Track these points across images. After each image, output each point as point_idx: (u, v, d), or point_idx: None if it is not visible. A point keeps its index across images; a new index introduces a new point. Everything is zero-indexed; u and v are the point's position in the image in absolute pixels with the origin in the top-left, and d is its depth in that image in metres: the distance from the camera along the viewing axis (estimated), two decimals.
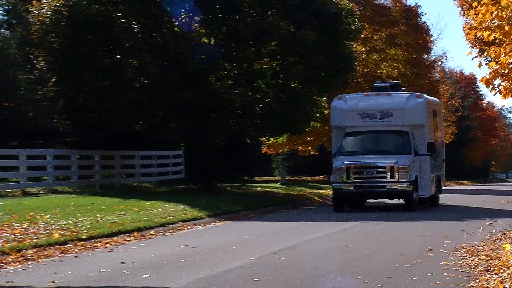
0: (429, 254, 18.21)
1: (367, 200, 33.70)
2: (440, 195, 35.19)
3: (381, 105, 31.76)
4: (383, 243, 20.38)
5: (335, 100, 33.13)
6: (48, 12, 40.23)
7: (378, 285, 13.84)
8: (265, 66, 43.86)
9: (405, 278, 14.78)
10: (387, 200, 33.98)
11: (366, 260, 17.19)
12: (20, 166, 36.57)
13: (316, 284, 14.05)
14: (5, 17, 58.81)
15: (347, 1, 48.96)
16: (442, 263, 16.66)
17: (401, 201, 31.57)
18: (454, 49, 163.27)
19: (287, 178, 59.87)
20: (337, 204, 30.83)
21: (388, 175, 29.66)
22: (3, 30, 57.94)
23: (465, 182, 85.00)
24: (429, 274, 15.09)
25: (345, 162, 30.15)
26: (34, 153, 38.61)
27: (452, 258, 17.45)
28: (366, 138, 32.11)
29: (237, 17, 41.69)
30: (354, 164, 30.24)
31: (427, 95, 66.88)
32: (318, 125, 48.40)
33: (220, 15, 41.64)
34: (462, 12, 45.10)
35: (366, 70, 60.21)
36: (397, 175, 29.48)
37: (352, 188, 30.18)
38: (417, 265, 16.37)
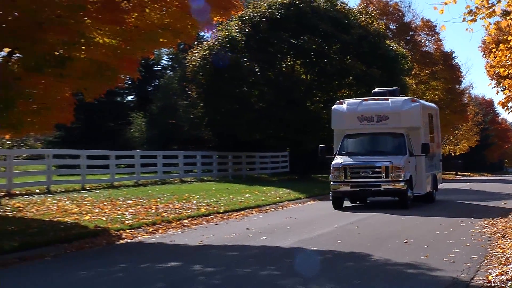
0: (461, 224, 17.79)
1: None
2: (436, 192, 26.96)
3: (378, 109, 24.47)
4: (428, 217, 19.93)
5: (336, 105, 25.92)
6: (198, 59, 40.87)
7: (425, 246, 13.57)
8: (344, 94, 43.57)
9: (444, 241, 14.47)
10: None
11: (415, 229, 16.89)
12: (179, 163, 37.06)
13: (381, 245, 13.85)
14: (169, 62, 59.80)
15: (402, 48, 48.73)
16: (470, 231, 16.29)
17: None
18: (478, 81, 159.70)
19: None
20: (336, 202, 23.48)
21: (384, 175, 22.61)
22: (168, 71, 58.89)
23: (485, 174, 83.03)
24: (461, 239, 14.75)
25: (342, 162, 23.19)
26: (188, 154, 39.03)
27: (477, 227, 17.03)
28: (364, 140, 24.77)
29: (325, 60, 41.57)
30: (351, 164, 23.18)
31: (459, 114, 66.61)
32: None
33: (314, 59, 41.58)
34: (484, 55, 44.19)
35: (415, 96, 59.26)
36: (391, 175, 22.48)
37: (349, 187, 23.07)
38: (452, 232, 16.01)
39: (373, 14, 47.12)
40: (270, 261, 11.94)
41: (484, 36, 43.07)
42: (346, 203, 23.25)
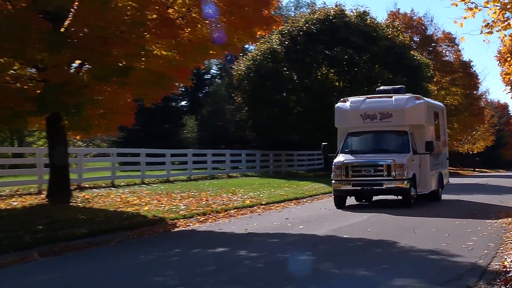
0: (478, 215, 17.49)
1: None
2: (442, 191, 23.43)
3: (382, 107, 21.23)
4: (447, 210, 19.63)
5: (339, 103, 22.36)
6: (243, 68, 41.05)
7: (446, 235, 13.39)
8: None
9: (463, 230, 14.26)
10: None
11: (437, 220, 16.66)
12: (226, 160, 37.17)
13: (406, 233, 13.70)
14: (218, 71, 60.11)
15: (425, 58, 48.30)
16: (487, 221, 16.01)
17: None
18: (494, 87, 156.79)
19: None
20: (338, 201, 20.24)
21: (385, 173, 19.37)
22: (217, 79, 59.19)
23: (500, 170, 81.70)
24: (479, 228, 14.53)
25: (344, 161, 19.95)
26: (234, 152, 39.13)
27: (493, 218, 16.74)
28: (367, 137, 21.39)
29: (356, 69, 41.40)
30: (352, 162, 19.87)
31: (476, 117, 65.54)
32: None
33: (346, 68, 41.46)
34: (500, 64, 43.52)
35: (437, 101, 58.65)
36: (394, 173, 19.27)
37: (351, 186, 19.78)
38: (470, 222, 15.77)
39: (399, 28, 46.82)
40: (307, 247, 11.91)
41: (500, 46, 42.26)
42: (351, 201, 21.39)
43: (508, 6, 14.04)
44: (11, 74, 16.61)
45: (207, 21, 17.38)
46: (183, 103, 59.54)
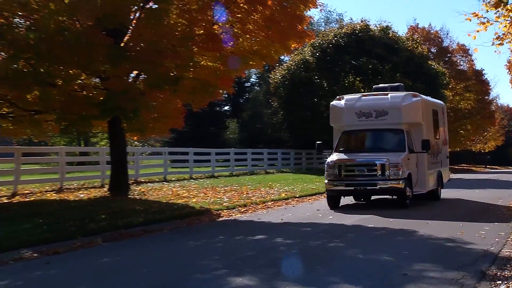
0: (490, 207, 17.16)
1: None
2: (441, 190, 20.38)
3: (377, 105, 18.19)
4: (464, 202, 19.31)
5: (334, 101, 19.49)
6: (279, 77, 41.07)
7: (460, 224, 13.16)
8: None
9: (476, 220, 13.97)
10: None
11: (455, 210, 16.41)
12: (264, 158, 37.19)
13: (425, 223, 13.51)
14: (257, 80, 60.15)
15: (441, 67, 47.71)
16: (498, 212, 15.72)
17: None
18: (504, 92, 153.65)
19: None
20: (331, 201, 17.52)
21: (379, 173, 16.52)
22: (256, 87, 59.23)
23: (510, 167, 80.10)
24: (491, 218, 14.26)
25: (336, 160, 17.11)
26: (271, 151, 39.12)
27: (504, 209, 16.43)
28: (362, 136, 18.52)
29: (379, 77, 40.99)
30: (345, 161, 17.03)
31: (487, 119, 64.30)
32: None
33: (370, 76, 41.11)
34: (509, 72, 42.72)
35: (452, 105, 57.75)
36: (388, 173, 16.44)
37: (344, 186, 16.95)
38: (484, 212, 15.51)
39: (418, 40, 46.37)
40: (336, 235, 11.85)
41: (510, 56, 41.55)
42: (347, 201, 18.93)
43: None
44: (78, 83, 16.95)
45: (247, 36, 17.44)
46: (226, 107, 59.74)
